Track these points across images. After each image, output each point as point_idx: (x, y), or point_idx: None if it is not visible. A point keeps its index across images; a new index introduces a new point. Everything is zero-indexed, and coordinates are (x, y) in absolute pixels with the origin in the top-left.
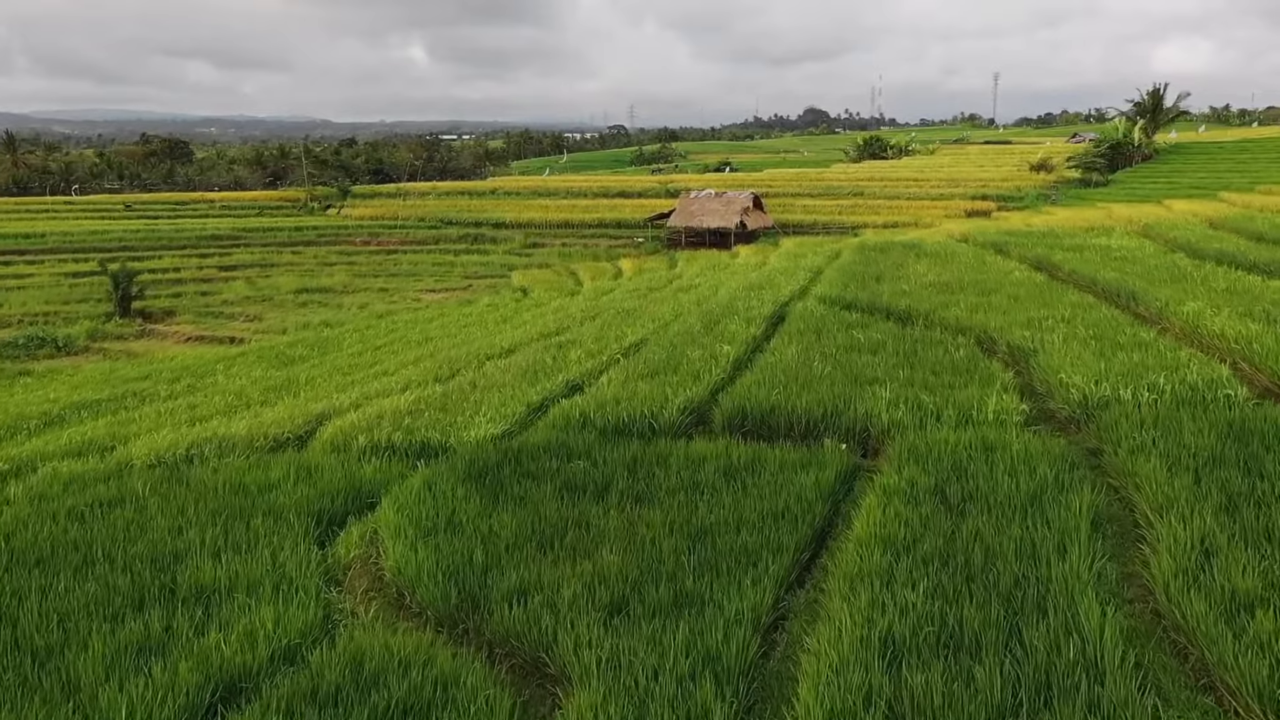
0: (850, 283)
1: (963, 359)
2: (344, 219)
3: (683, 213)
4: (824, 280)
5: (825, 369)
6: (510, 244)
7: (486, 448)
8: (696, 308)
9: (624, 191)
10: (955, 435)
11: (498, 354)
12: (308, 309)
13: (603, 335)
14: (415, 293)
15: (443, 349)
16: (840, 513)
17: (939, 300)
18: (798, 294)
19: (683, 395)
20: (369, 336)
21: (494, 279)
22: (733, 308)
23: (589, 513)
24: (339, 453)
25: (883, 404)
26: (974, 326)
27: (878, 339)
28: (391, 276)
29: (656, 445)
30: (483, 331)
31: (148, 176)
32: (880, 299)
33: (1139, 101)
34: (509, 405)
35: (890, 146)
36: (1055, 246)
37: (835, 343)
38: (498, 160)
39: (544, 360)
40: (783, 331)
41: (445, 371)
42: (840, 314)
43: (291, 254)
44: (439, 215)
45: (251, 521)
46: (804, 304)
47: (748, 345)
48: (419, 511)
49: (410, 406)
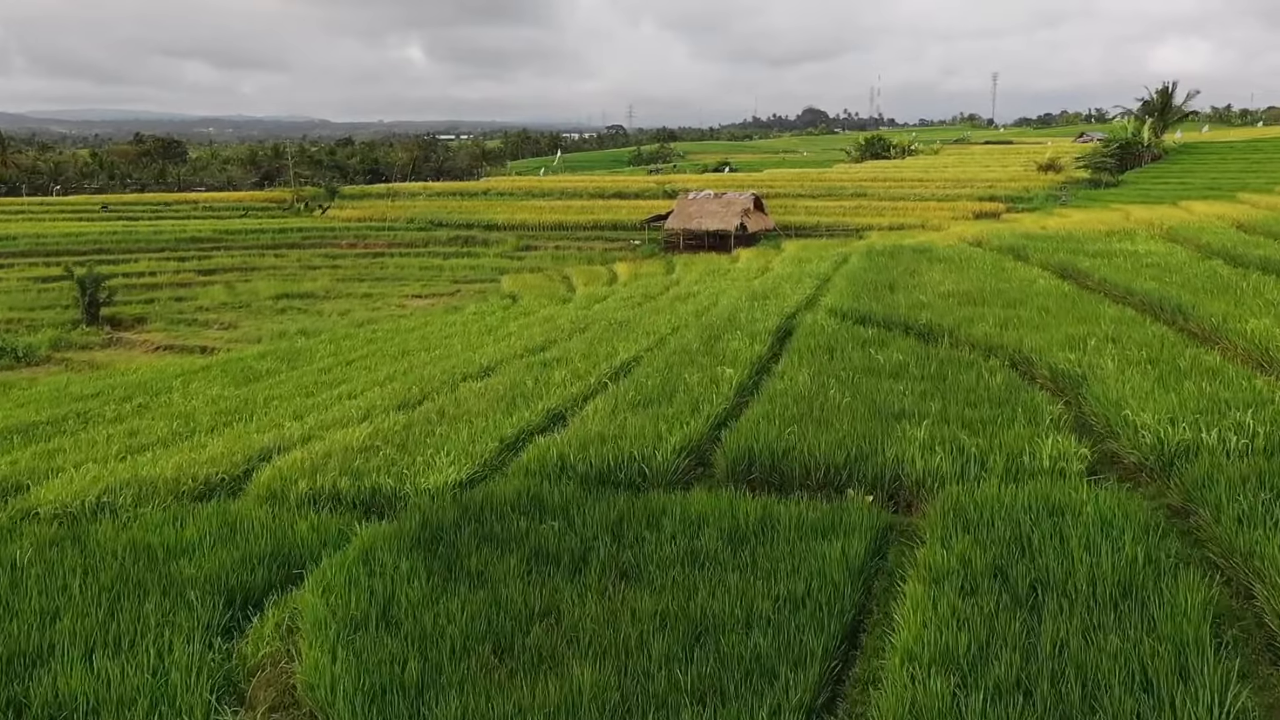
0: (862, 292)
1: (1000, 386)
2: (330, 221)
3: (681, 214)
4: (833, 289)
5: (843, 398)
6: (502, 247)
7: (444, 501)
8: (695, 320)
9: (620, 192)
10: (1009, 492)
11: (475, 373)
12: (286, 316)
13: (592, 352)
14: (400, 299)
15: (418, 365)
16: (873, 594)
17: (962, 314)
18: (805, 305)
19: (679, 433)
20: (344, 348)
21: (483, 284)
22: (734, 320)
23: (562, 595)
24: (273, 503)
25: (916, 447)
26: (1006, 345)
27: (899, 360)
28: (377, 281)
29: (647, 499)
30: (464, 344)
31: (139, 176)
32: (897, 312)
33: (1147, 100)
34: (478, 442)
35: (893, 146)
36: (1078, 252)
37: (851, 364)
38: (494, 160)
39: (524, 383)
40: (791, 349)
41: (415, 395)
42: (854, 329)
43: (274, 257)
44: (429, 217)
45: (146, 602)
46: (813, 317)
47: (752, 367)
48: (349, 596)
49: (365, 442)
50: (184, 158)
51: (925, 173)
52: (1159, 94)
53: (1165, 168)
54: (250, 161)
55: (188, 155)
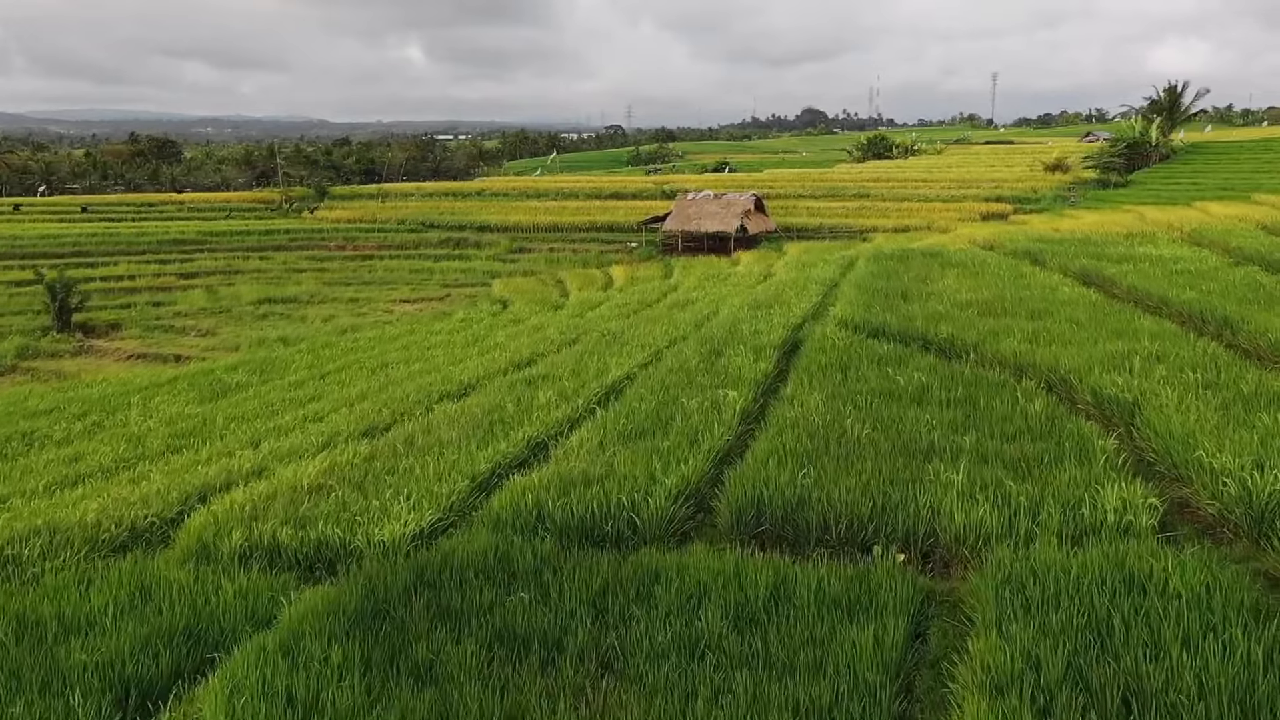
0: (873, 302)
1: (1040, 415)
2: (319, 222)
3: (679, 216)
4: (841, 298)
5: (863, 430)
6: (494, 249)
7: (397, 562)
8: (694, 331)
9: (618, 193)
10: (1074, 559)
11: (454, 392)
12: (267, 322)
13: (581, 368)
14: (387, 304)
15: (394, 381)
16: (915, 696)
17: (985, 326)
18: (812, 314)
19: (675, 473)
20: (322, 358)
21: (474, 288)
22: (737, 332)
23: (528, 698)
24: (201, 559)
25: (953, 495)
26: (1040, 364)
27: (921, 382)
28: (364, 285)
29: (638, 559)
30: (447, 356)
31: (132, 176)
32: (914, 324)
33: (1155, 99)
34: (446, 480)
35: (895, 146)
36: (1099, 256)
37: (868, 386)
38: (492, 160)
39: (504, 405)
40: (799, 367)
41: (384, 418)
42: (867, 344)
43: (259, 260)
44: (421, 218)
45: (16, 704)
46: (821, 329)
47: (757, 388)
48: (260, 704)
49: (318, 479)
50: (179, 158)
51: (929, 173)
52: (1167, 93)
53: (1175, 168)
54: (245, 162)
55: (183, 155)
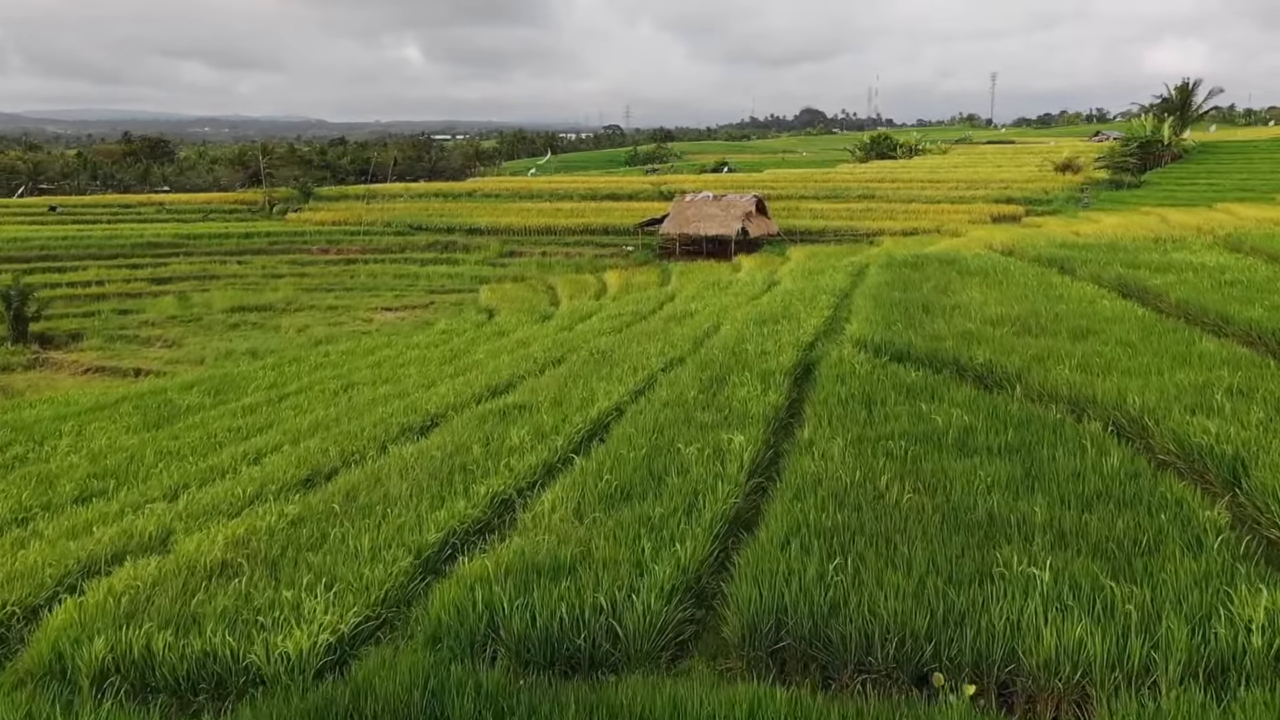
0: (893, 316)
1: (1118, 472)
2: (302, 224)
3: (677, 218)
4: (856, 311)
5: (903, 491)
6: (484, 253)
7: (292, 701)
8: (693, 351)
9: (614, 193)
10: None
11: (418, 425)
12: (238, 332)
13: (564, 396)
14: (367, 312)
15: (355, 409)
16: None
17: (1026, 349)
18: (824, 331)
19: (669, 559)
20: (286, 376)
21: (461, 294)
22: (741, 354)
23: None
24: (50, 678)
25: (1037, 602)
26: (1103, 400)
27: (964, 422)
28: (345, 291)
29: (617, 696)
30: (419, 377)
31: (122, 176)
32: (943, 345)
33: (1166, 98)
34: (382, 560)
35: (899, 146)
36: (1134, 264)
37: (899, 426)
38: (488, 160)
39: (471, 447)
40: (815, 400)
41: (332, 459)
42: (892, 369)
43: (237, 264)
44: (409, 220)
45: None
46: (838, 351)
47: (768, 427)
48: None
49: (226, 553)
50: (171, 158)
51: (934, 173)
52: (1178, 91)
53: (1188, 168)
54: (238, 162)
55: (175, 155)
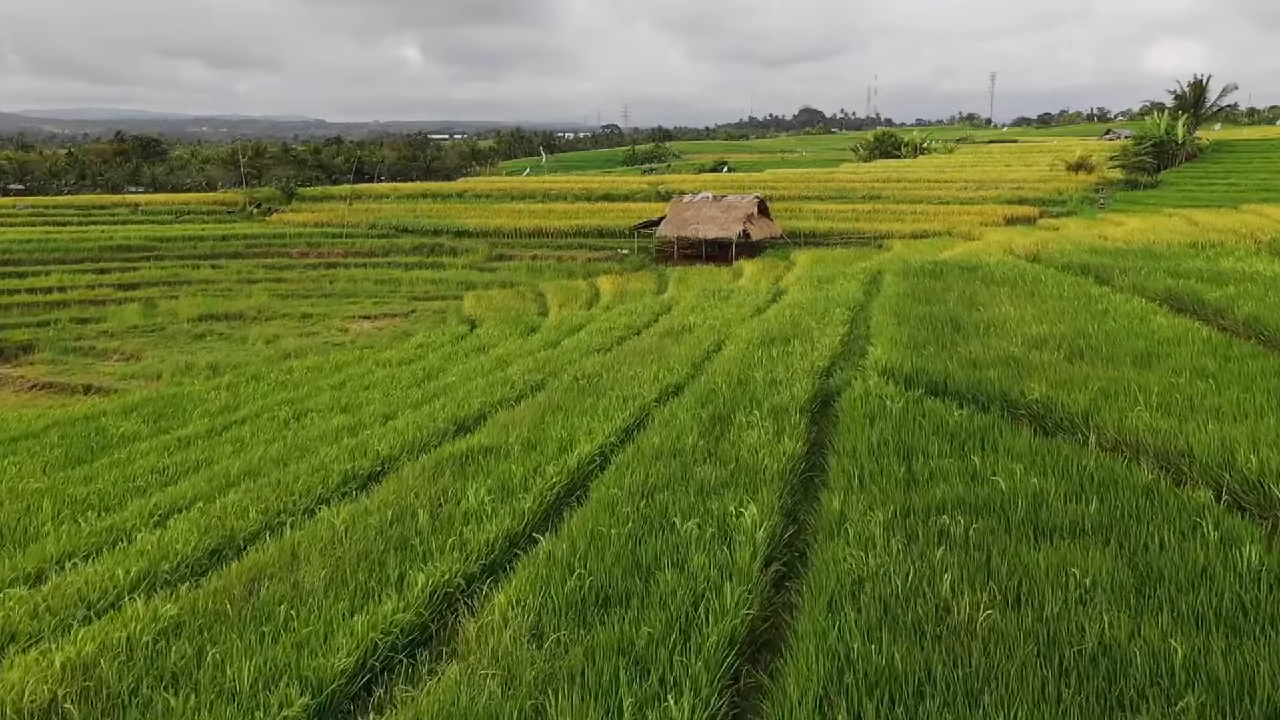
0: (920, 336)
1: (1258, 572)
2: (283, 226)
3: (675, 220)
4: (877, 329)
5: (974, 604)
6: (472, 256)
7: None
8: (692, 377)
9: (609, 194)
10: None
11: (364, 472)
12: (202, 344)
13: (540, 437)
14: (343, 321)
15: (300, 446)
16: None
17: (1085, 379)
18: (842, 353)
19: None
20: (240, 398)
21: (445, 301)
22: (747, 382)
23: None
24: None
25: None
26: (1204, 456)
27: (1034, 486)
28: (322, 298)
29: None
30: (381, 403)
31: (111, 176)
32: (985, 375)
33: (1179, 94)
34: (263, 706)
35: (904, 145)
36: (1179, 273)
37: (951, 492)
38: (484, 160)
39: (417, 511)
40: (842, 450)
41: (250, 523)
42: (929, 406)
43: (210, 268)
44: (394, 221)
45: None
46: (861, 381)
47: (785, 488)
48: None
49: (57, 692)
50: (163, 157)
51: (941, 173)
52: (1192, 88)
53: (1205, 167)
54: (231, 161)
55: (167, 154)
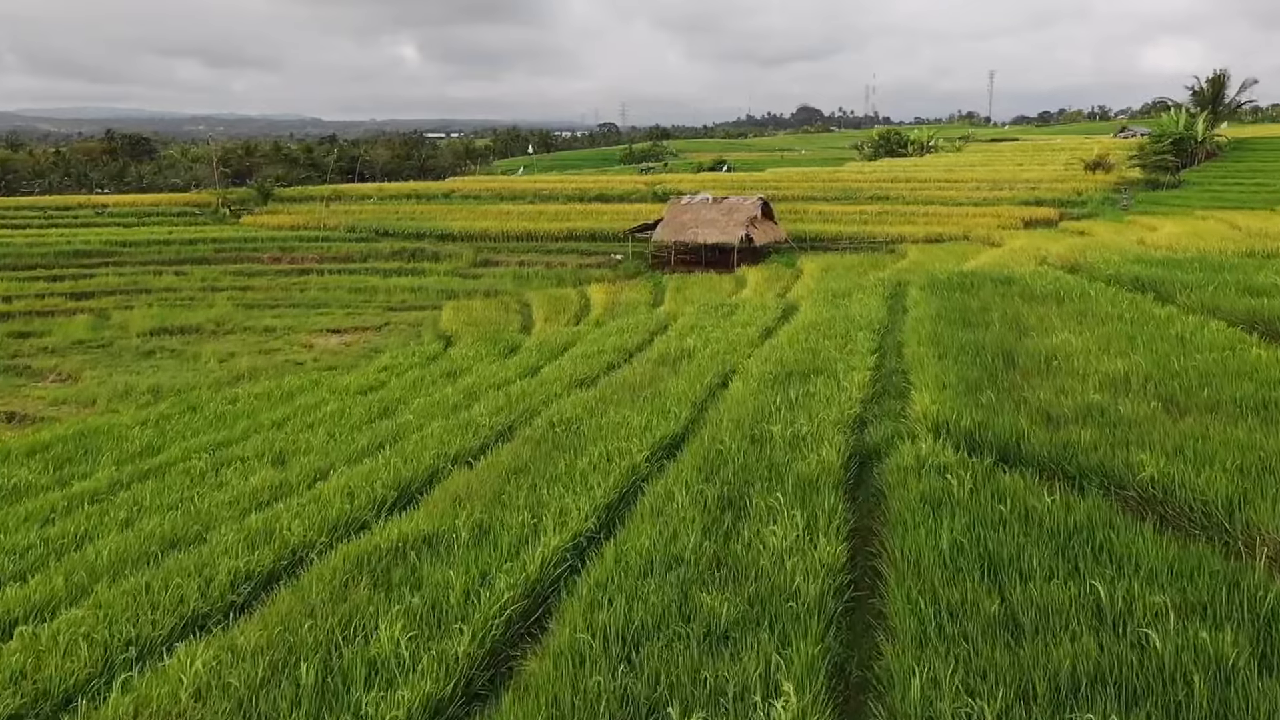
0: (970, 374)
1: None
2: (256, 229)
3: (672, 223)
4: (914, 361)
5: None
6: (455, 262)
7: None
8: (692, 427)
9: (603, 194)
10: None
11: (260, 576)
12: (150, 362)
13: (495, 521)
14: (309, 334)
15: (200, 515)
16: None
17: (1203, 443)
18: (875, 394)
19: None
20: (167, 435)
21: (423, 311)
22: (763, 440)
23: None
24: None
25: None
26: None
27: (1204, 648)
28: (290, 308)
29: None
30: (321, 451)
31: (97, 176)
32: (1071, 438)
33: (1197, 90)
34: None
35: (910, 143)
36: (1254, 290)
37: (1078, 649)
38: (479, 159)
39: (301, 661)
40: (902, 562)
41: (65, 674)
42: (1004, 484)
43: (174, 275)
44: (374, 224)
45: None
46: (910, 444)
47: (827, 631)
48: None
49: None
50: (151, 156)
51: (951, 172)
52: (1210, 83)
53: (1227, 166)
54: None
55: (156, 154)
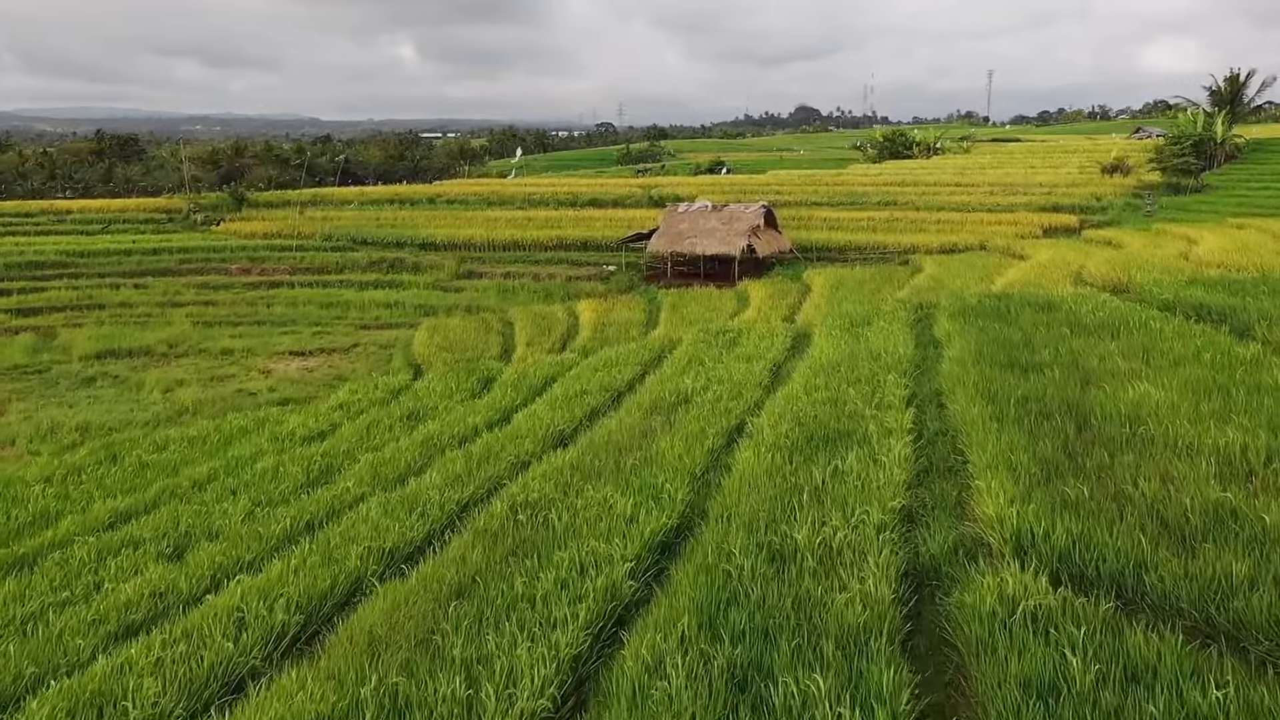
0: (1043, 452)
1: None
2: (227, 237)
3: (669, 233)
4: (965, 424)
5: None
6: (437, 274)
7: None
8: (690, 523)
9: (596, 199)
10: None
11: None
12: (88, 391)
13: (417, 709)
14: (269, 358)
15: (33, 655)
16: None
17: None
18: (922, 473)
19: None
20: (68, 500)
21: (397, 331)
22: (784, 555)
23: None
24: None
25: None
26: None
27: None
28: (253, 326)
29: None
30: (233, 538)
31: (83, 177)
32: (1215, 568)
33: (1215, 89)
34: None
35: (916, 144)
36: None
37: None
38: (474, 159)
39: None
40: None
41: None
42: (1140, 656)
43: (133, 289)
44: (353, 232)
45: None
46: (988, 578)
47: None
48: None
49: None
50: (141, 156)
51: (962, 175)
52: (1227, 82)
53: (1249, 169)
54: (210, 161)
55: (145, 154)
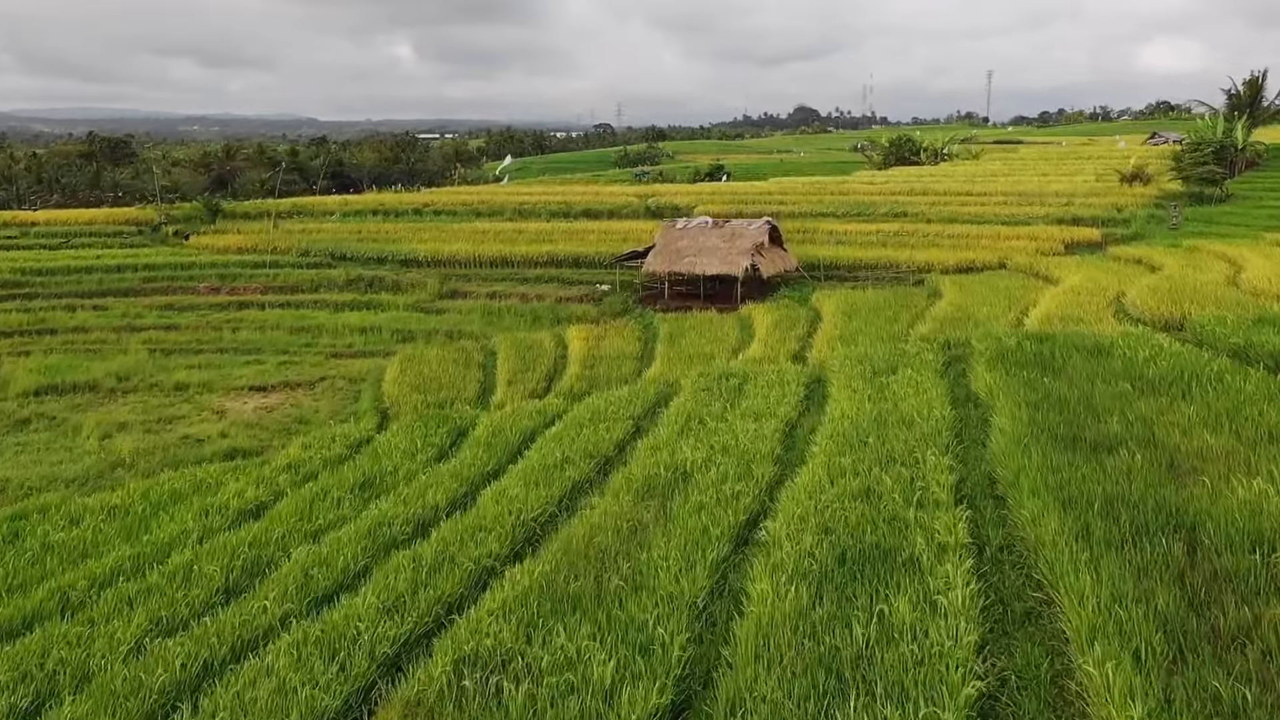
0: (1163, 608)
1: None
2: (198, 252)
3: (666, 250)
4: (1045, 544)
5: None
6: (418, 293)
7: None
8: (686, 688)
9: (591, 209)
10: None
11: None
12: (20, 436)
13: None
14: (225, 395)
15: None
16: None
17: None
18: (990, 621)
19: None
20: None
21: (370, 360)
22: None
23: None
24: None
25: None
26: None
27: None
28: (215, 354)
29: None
30: (98, 692)
31: (70, 180)
32: None
33: (1233, 93)
34: None
35: (923, 150)
36: None
37: None
38: (470, 161)
39: None
40: None
41: None
42: None
43: (90, 310)
44: (331, 246)
45: None
46: None
47: None
48: None
49: None
50: (131, 159)
51: (972, 183)
52: (1247, 86)
53: (1274, 176)
54: (201, 164)
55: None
